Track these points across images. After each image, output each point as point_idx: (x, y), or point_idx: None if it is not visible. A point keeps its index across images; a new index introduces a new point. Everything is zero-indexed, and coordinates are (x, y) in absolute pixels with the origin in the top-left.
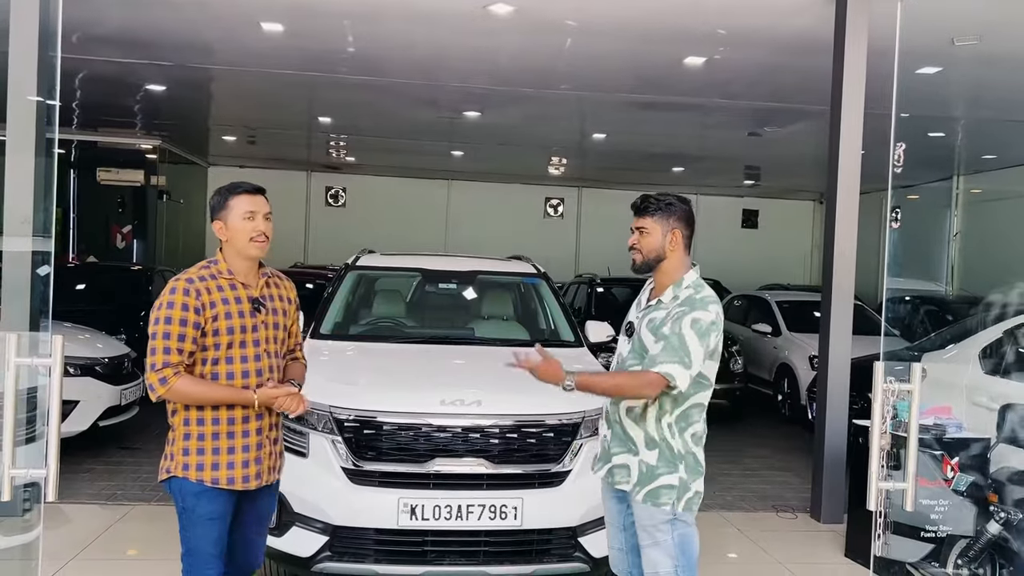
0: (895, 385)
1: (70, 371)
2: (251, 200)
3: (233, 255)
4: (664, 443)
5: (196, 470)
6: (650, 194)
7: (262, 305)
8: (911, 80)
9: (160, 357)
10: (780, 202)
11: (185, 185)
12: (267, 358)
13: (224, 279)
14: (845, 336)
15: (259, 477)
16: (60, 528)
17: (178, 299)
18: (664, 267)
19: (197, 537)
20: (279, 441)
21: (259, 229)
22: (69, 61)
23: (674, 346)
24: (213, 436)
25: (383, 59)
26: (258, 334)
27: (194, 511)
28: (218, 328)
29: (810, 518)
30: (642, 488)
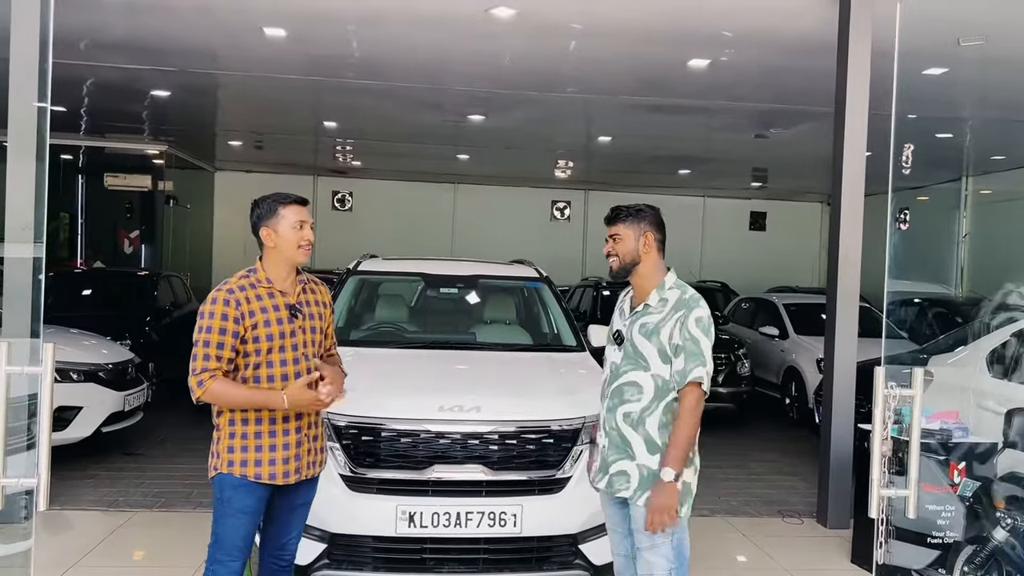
0: (896, 391)
1: (73, 377)
2: (301, 210)
3: (277, 262)
4: (666, 446)
5: (240, 466)
6: (620, 204)
7: (299, 311)
8: (917, 81)
9: (200, 363)
10: (788, 204)
11: (192, 190)
12: (305, 360)
13: (263, 288)
14: (851, 339)
15: (298, 472)
16: (61, 534)
17: (219, 309)
18: (640, 271)
19: (227, 528)
20: (319, 438)
21: (307, 238)
22: (76, 68)
23: (693, 351)
24: (256, 435)
25: (386, 63)
26: (296, 339)
27: (230, 503)
28: (258, 335)
29: (816, 523)
30: (643, 492)
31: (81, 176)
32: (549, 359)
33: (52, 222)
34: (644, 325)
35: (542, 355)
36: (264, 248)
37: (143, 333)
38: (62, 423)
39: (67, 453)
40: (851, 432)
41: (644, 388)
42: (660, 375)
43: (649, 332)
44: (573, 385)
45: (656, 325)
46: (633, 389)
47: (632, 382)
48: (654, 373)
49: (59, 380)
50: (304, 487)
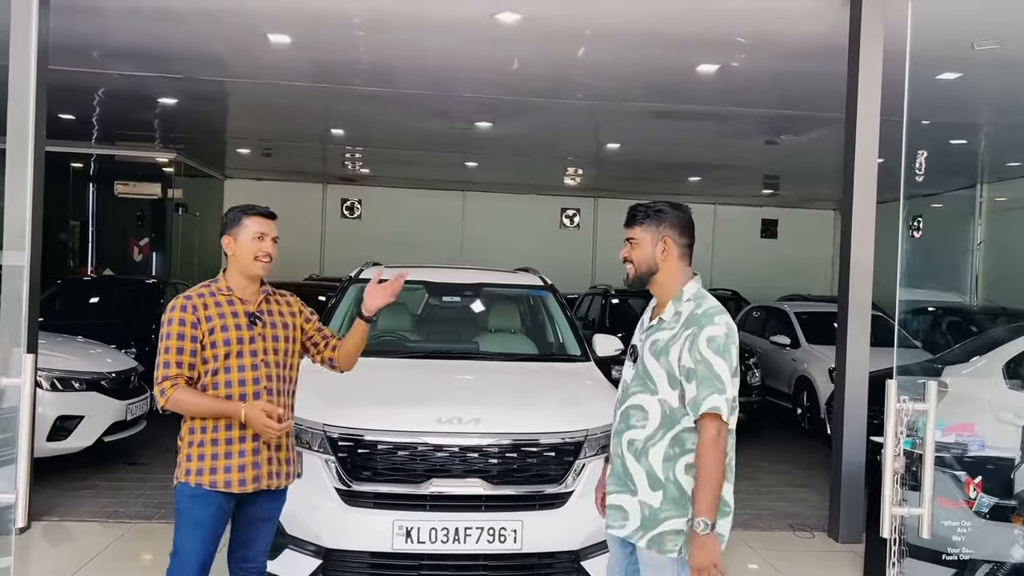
0: (909, 404)
1: (75, 386)
2: (264, 222)
3: (236, 272)
4: (673, 483)
5: (196, 475)
6: (640, 202)
7: (258, 319)
8: (931, 86)
9: (161, 371)
10: (799, 211)
11: (202, 198)
12: (264, 368)
13: (223, 295)
14: (863, 349)
15: (256, 481)
16: (59, 547)
17: (176, 316)
18: (659, 280)
19: (183, 539)
20: (284, 448)
21: (265, 250)
22: (86, 76)
23: (705, 376)
24: (212, 442)
25: (394, 70)
26: (255, 345)
27: (186, 513)
28: (215, 340)
29: (828, 537)
30: (645, 533)
31: (92, 184)
32: (552, 369)
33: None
34: (655, 343)
35: (545, 365)
36: (226, 257)
37: (149, 341)
38: (63, 433)
39: (68, 463)
40: (863, 444)
41: (650, 414)
42: (667, 401)
43: (659, 351)
44: (576, 396)
45: (666, 343)
46: (639, 414)
47: (638, 406)
48: (661, 398)
49: (61, 389)
50: (267, 500)
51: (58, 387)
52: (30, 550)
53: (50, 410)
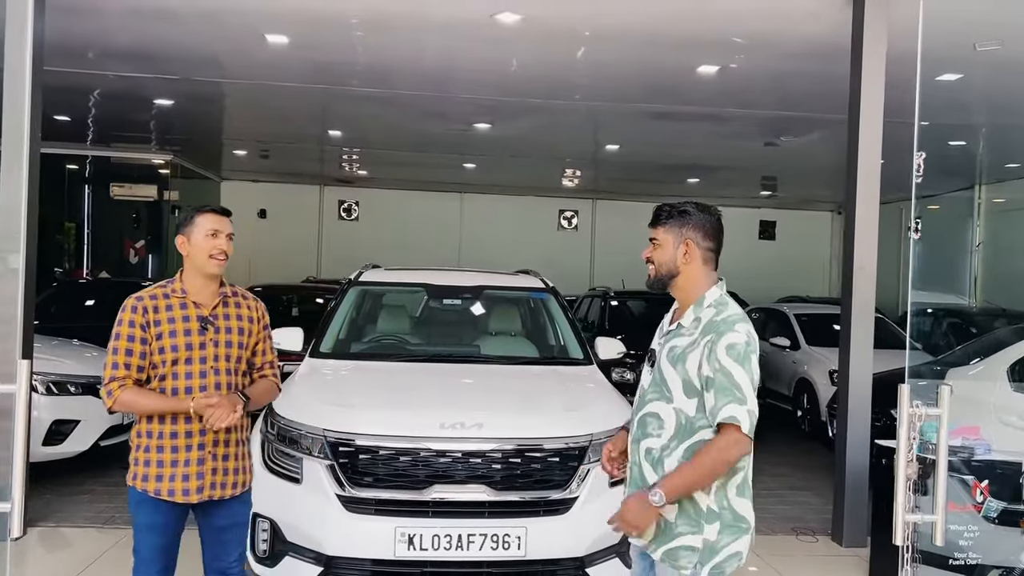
0: (922, 409)
1: (71, 390)
2: (216, 219)
3: (191, 272)
4: (687, 498)
5: (142, 480)
6: (667, 202)
7: (210, 323)
8: (931, 87)
9: (109, 372)
10: (798, 213)
11: (198, 200)
12: (214, 375)
13: (176, 298)
14: (866, 351)
15: (200, 491)
16: (55, 553)
17: (126, 317)
18: (679, 283)
19: (139, 541)
20: (232, 458)
21: (220, 247)
22: (82, 77)
23: (724, 386)
24: (158, 449)
25: (391, 70)
26: (205, 351)
27: (136, 516)
28: (163, 345)
29: (831, 541)
30: (659, 547)
31: (87, 186)
32: (555, 372)
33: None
34: (673, 349)
35: (548, 368)
36: (183, 258)
37: None
38: (59, 437)
39: (64, 468)
40: (867, 447)
41: (665, 422)
42: (683, 410)
43: (676, 358)
44: (580, 400)
45: (684, 350)
46: (655, 422)
47: (654, 413)
48: (676, 407)
49: (56, 393)
50: (224, 509)
51: (54, 391)
52: (26, 557)
53: (46, 414)
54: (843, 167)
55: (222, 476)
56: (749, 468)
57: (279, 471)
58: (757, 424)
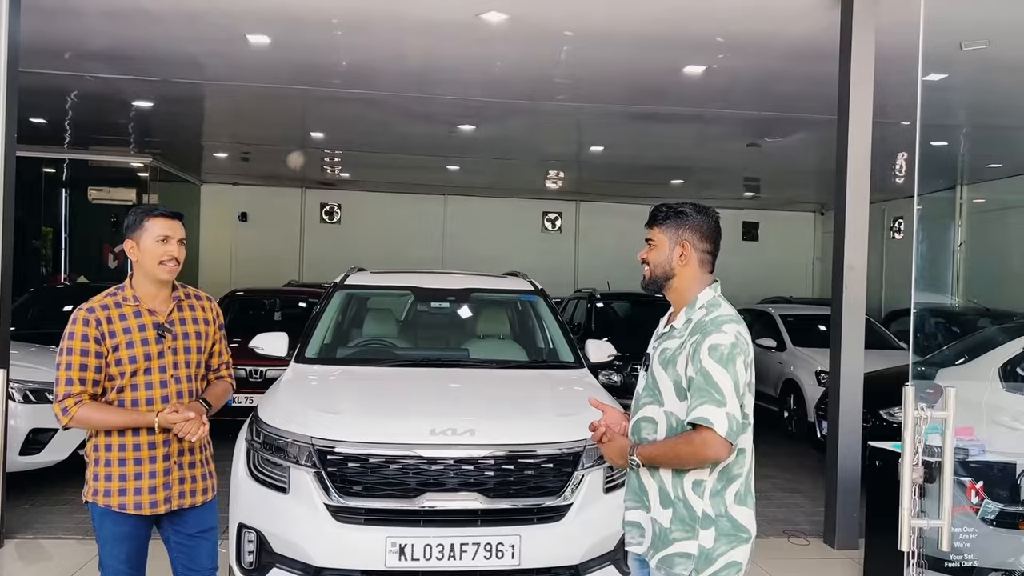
0: (928, 412)
1: (49, 398)
2: (167, 224)
3: (141, 278)
4: (682, 502)
5: (104, 496)
6: (664, 202)
7: (167, 331)
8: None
9: (62, 388)
10: (781, 214)
11: (178, 204)
12: (175, 383)
13: (129, 306)
14: (857, 352)
15: (168, 502)
16: (34, 565)
17: (78, 330)
18: (675, 286)
19: (106, 554)
20: (198, 465)
21: (171, 253)
22: (59, 79)
23: (700, 387)
24: (120, 462)
25: (375, 71)
26: (164, 360)
27: (100, 530)
28: (120, 357)
29: (823, 544)
30: (656, 553)
31: (64, 190)
32: (546, 376)
33: (35, 237)
34: (664, 351)
35: (539, 372)
36: (132, 263)
37: None
38: (36, 446)
39: (42, 477)
40: (859, 449)
41: (659, 426)
42: (674, 413)
43: (667, 361)
44: (573, 405)
45: (674, 353)
46: (649, 426)
47: (649, 418)
48: (667, 410)
49: (34, 401)
50: (193, 516)
51: (31, 399)
52: (3, 569)
53: (23, 423)
54: (827, 168)
55: (190, 484)
56: (750, 475)
57: (265, 480)
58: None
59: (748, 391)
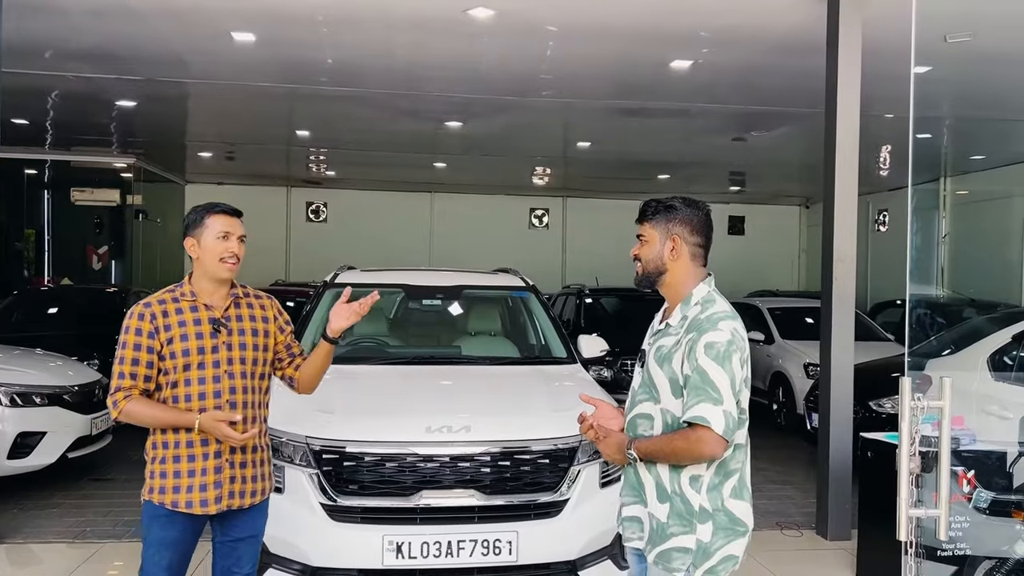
0: (924, 402)
1: (36, 401)
2: (227, 221)
3: (201, 275)
4: (679, 496)
5: (159, 493)
6: (654, 197)
7: (223, 326)
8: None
9: (115, 382)
10: (766, 208)
11: (162, 204)
12: (228, 379)
13: (186, 301)
14: (847, 345)
15: (219, 501)
16: (24, 570)
17: (133, 324)
18: (668, 281)
19: (147, 559)
20: (251, 465)
21: (231, 250)
22: (41, 78)
23: (697, 385)
24: (174, 459)
25: (361, 68)
26: (218, 355)
27: (149, 532)
28: (174, 350)
29: (815, 535)
30: (653, 548)
31: (47, 191)
32: (540, 372)
33: (17, 239)
34: (660, 348)
35: (532, 368)
36: (192, 260)
37: (112, 353)
38: (24, 450)
39: (31, 481)
40: (850, 440)
41: (654, 422)
42: (670, 410)
43: (662, 358)
44: (567, 400)
45: (670, 350)
46: (646, 422)
47: (646, 414)
48: (663, 407)
49: (21, 404)
50: (242, 519)
51: (18, 402)
52: None
53: (10, 427)
54: (812, 161)
55: (240, 484)
56: (746, 470)
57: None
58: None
59: (744, 387)
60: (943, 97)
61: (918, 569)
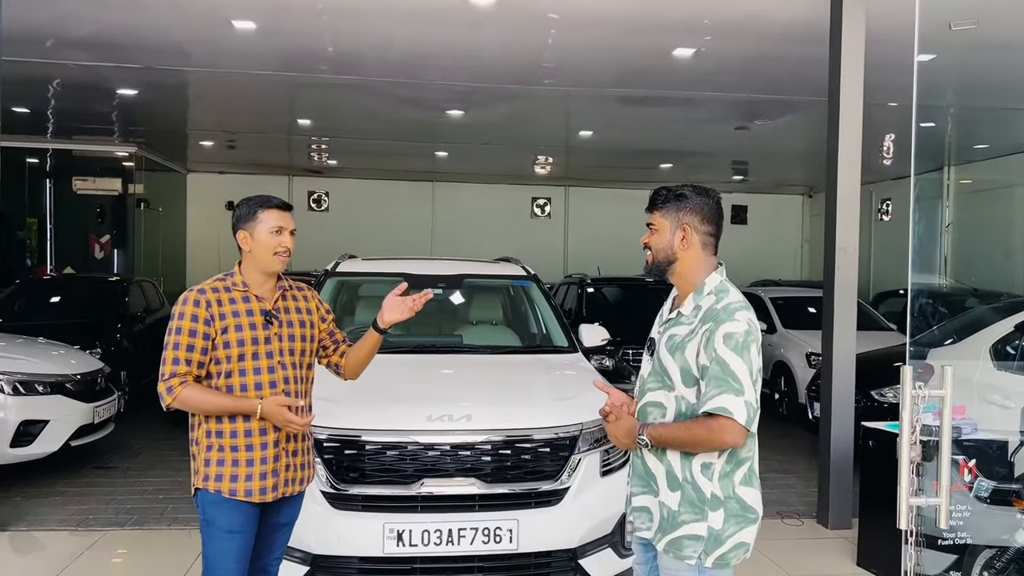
0: (926, 390)
1: (39, 389)
2: (281, 215)
3: (252, 267)
4: (690, 484)
5: (215, 481)
6: (664, 185)
7: (274, 317)
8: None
9: (168, 367)
10: (769, 197)
11: (164, 193)
12: (282, 369)
13: (238, 292)
14: (849, 334)
15: (275, 490)
16: (26, 556)
17: (188, 310)
18: (678, 270)
19: (216, 553)
20: (300, 453)
21: (285, 244)
22: (42, 67)
23: (717, 376)
24: (232, 448)
25: (362, 56)
26: (271, 346)
27: (213, 523)
28: (228, 340)
29: (816, 524)
30: (663, 536)
31: (49, 180)
32: (541, 361)
33: (19, 229)
34: (672, 337)
35: (533, 357)
36: (241, 252)
37: (114, 341)
38: (27, 438)
39: (33, 469)
40: (851, 429)
41: (668, 411)
42: (684, 398)
43: (675, 346)
44: (568, 389)
45: (683, 339)
46: (657, 411)
47: (657, 403)
48: (677, 395)
49: (24, 393)
50: (287, 506)
51: (21, 391)
52: None
53: (13, 415)
54: (815, 150)
55: (293, 472)
56: (755, 458)
57: None
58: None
59: (758, 376)
60: (947, 85)
61: (918, 557)
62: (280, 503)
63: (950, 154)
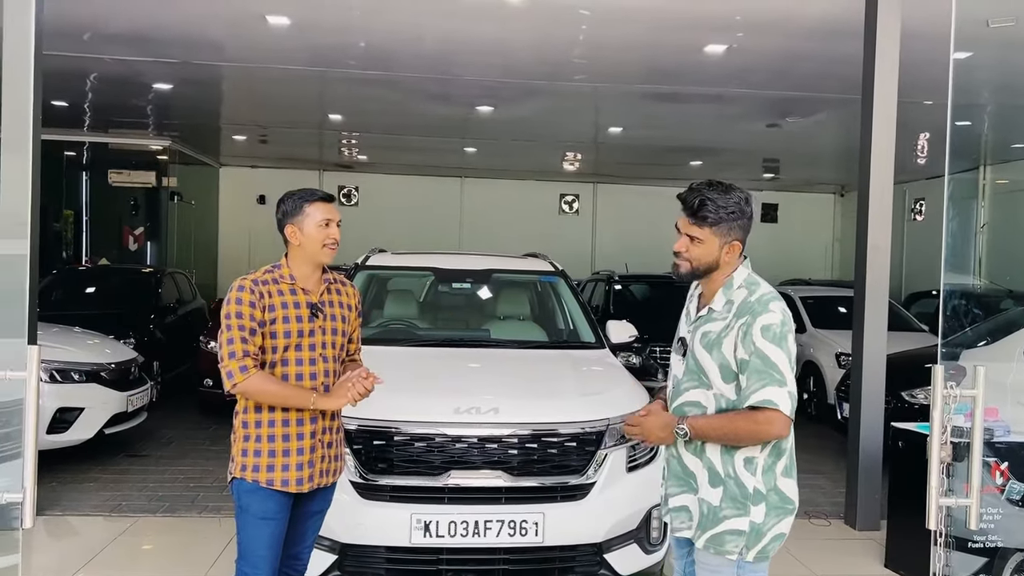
0: (957, 391)
1: (75, 377)
2: (327, 208)
3: (301, 260)
4: (733, 479)
5: (252, 471)
6: (708, 194)
7: (320, 311)
8: (942, 66)
9: (238, 347)
10: (800, 195)
11: (197, 186)
12: (323, 362)
13: (286, 284)
14: (880, 334)
15: (311, 480)
16: (62, 541)
17: (246, 297)
18: (714, 275)
19: (250, 539)
20: (334, 445)
21: (333, 236)
22: (79, 61)
23: (758, 368)
24: (269, 438)
25: (393, 52)
26: (315, 339)
27: (248, 509)
28: (275, 331)
29: (844, 524)
30: (704, 532)
31: (85, 173)
32: (568, 356)
33: (56, 220)
34: (706, 334)
35: (560, 352)
36: (289, 246)
37: (147, 331)
38: (63, 425)
39: (68, 456)
40: (881, 430)
41: (707, 409)
42: (724, 395)
43: (711, 343)
44: (595, 384)
45: (719, 335)
46: (695, 410)
47: (695, 402)
48: (716, 392)
49: (60, 381)
50: (320, 495)
51: (57, 379)
52: (33, 546)
53: (50, 402)
54: (847, 148)
55: (328, 463)
56: (792, 449)
57: None
58: None
59: (793, 363)
60: (983, 84)
61: (947, 559)
62: (313, 492)
63: (986, 153)
